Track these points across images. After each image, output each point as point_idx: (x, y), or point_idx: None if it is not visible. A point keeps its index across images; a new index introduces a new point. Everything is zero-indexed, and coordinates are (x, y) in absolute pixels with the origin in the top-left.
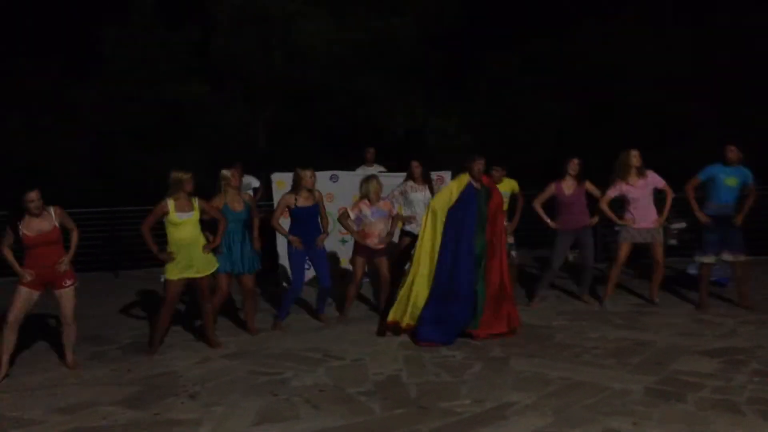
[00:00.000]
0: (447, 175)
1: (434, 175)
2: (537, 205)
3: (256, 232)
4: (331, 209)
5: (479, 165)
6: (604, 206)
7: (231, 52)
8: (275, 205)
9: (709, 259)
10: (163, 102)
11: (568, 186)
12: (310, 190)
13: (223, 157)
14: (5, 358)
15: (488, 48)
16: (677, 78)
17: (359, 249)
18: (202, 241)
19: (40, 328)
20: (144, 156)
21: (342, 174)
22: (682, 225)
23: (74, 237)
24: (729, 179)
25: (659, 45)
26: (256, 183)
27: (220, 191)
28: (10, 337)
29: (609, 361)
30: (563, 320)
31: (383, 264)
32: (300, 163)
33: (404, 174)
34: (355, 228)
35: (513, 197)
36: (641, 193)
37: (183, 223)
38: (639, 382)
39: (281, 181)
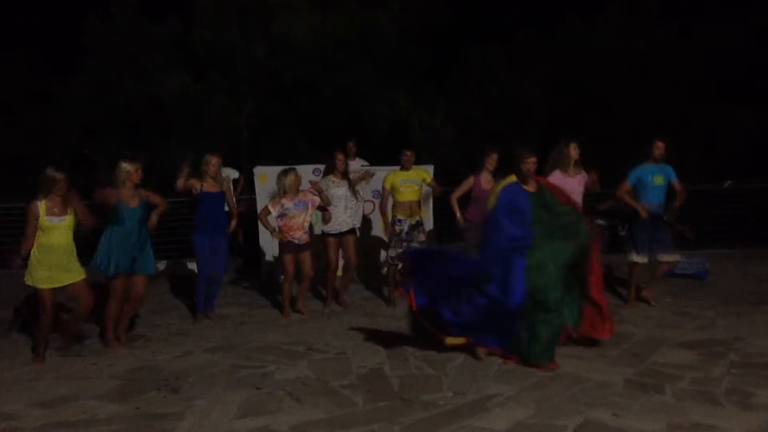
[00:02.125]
0: (430, 168)
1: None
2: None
3: (234, 224)
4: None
5: (528, 164)
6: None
7: (213, 43)
8: (257, 199)
9: (641, 259)
10: (145, 94)
11: (486, 181)
12: (214, 177)
13: (205, 150)
14: None
15: (474, 42)
16: (662, 73)
17: (285, 246)
18: (72, 248)
19: (17, 322)
20: (126, 149)
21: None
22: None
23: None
24: (656, 178)
25: (645, 40)
26: (235, 174)
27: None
28: None
29: (590, 353)
30: None
31: (306, 259)
32: (282, 156)
33: (389, 167)
34: (274, 225)
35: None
36: (578, 188)
37: (54, 228)
38: (619, 374)
39: (263, 174)
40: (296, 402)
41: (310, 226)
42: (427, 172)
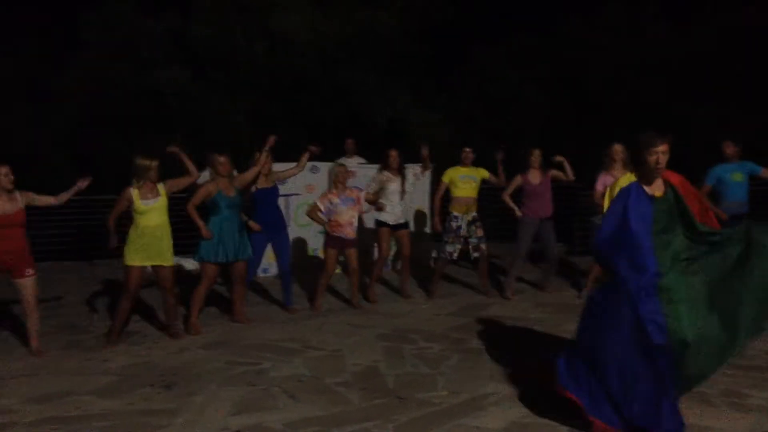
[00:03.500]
0: (417, 167)
1: (417, 167)
2: (506, 196)
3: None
4: (311, 200)
5: (654, 155)
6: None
7: (212, 40)
8: None
9: None
10: (143, 89)
11: (534, 176)
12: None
13: (204, 147)
14: None
15: (474, 41)
16: (661, 73)
17: (331, 240)
18: (169, 228)
19: (13, 317)
20: (123, 144)
21: (322, 165)
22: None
23: (49, 199)
24: (735, 175)
25: (644, 39)
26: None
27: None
28: None
29: None
30: (540, 313)
31: (352, 255)
32: (282, 152)
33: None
34: (325, 220)
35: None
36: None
37: (149, 210)
38: None
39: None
40: (291, 399)
41: (359, 221)
42: (485, 169)
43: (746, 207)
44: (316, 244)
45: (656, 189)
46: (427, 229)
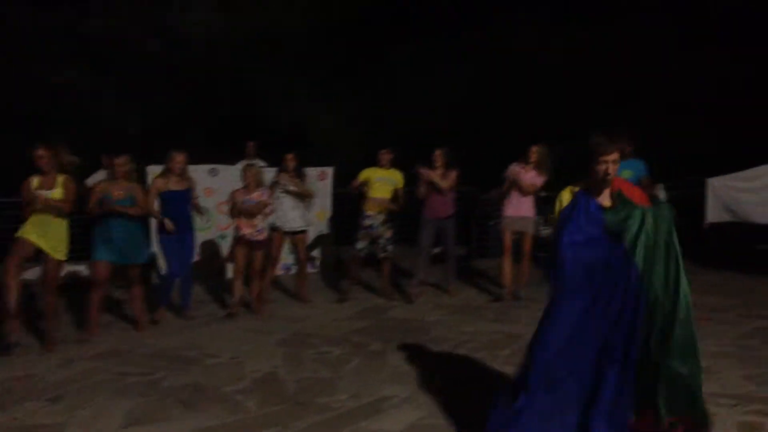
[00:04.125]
0: (329, 171)
1: (317, 170)
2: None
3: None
4: (210, 204)
5: (603, 164)
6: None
7: (106, 36)
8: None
9: None
10: (35, 86)
11: (438, 174)
12: (180, 174)
13: (96, 146)
14: None
15: (383, 42)
16: (579, 74)
17: (238, 241)
18: (62, 223)
19: None
20: (14, 144)
21: (222, 168)
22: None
23: None
24: (625, 172)
25: (565, 43)
26: None
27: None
28: None
29: (482, 353)
30: (440, 315)
31: (258, 258)
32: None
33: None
34: (243, 208)
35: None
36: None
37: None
38: (509, 374)
39: (157, 173)
40: (186, 409)
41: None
42: (401, 176)
43: None
44: (214, 249)
45: (605, 199)
46: (330, 233)
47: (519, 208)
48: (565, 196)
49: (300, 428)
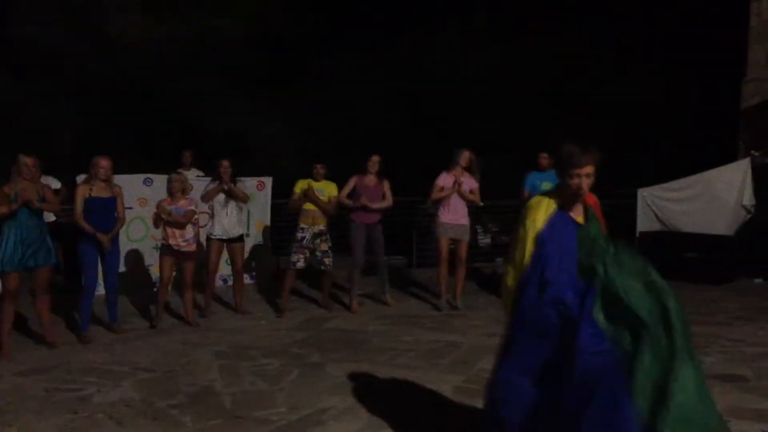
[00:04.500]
0: (268, 181)
1: (255, 180)
2: (343, 198)
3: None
4: (145, 214)
5: (576, 177)
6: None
7: (35, 41)
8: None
9: None
10: None
11: (369, 181)
12: (106, 180)
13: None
14: None
15: (317, 52)
16: (490, 94)
17: (164, 249)
18: None
19: None
20: None
21: (157, 177)
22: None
23: None
24: (545, 184)
25: (480, 57)
26: (56, 184)
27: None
28: None
29: (421, 362)
30: (379, 325)
31: (188, 269)
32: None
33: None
34: (170, 211)
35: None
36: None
37: None
38: (448, 382)
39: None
40: (118, 425)
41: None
42: (335, 187)
43: None
44: (149, 260)
45: (577, 214)
46: (269, 243)
47: (455, 216)
48: (540, 216)
49: None
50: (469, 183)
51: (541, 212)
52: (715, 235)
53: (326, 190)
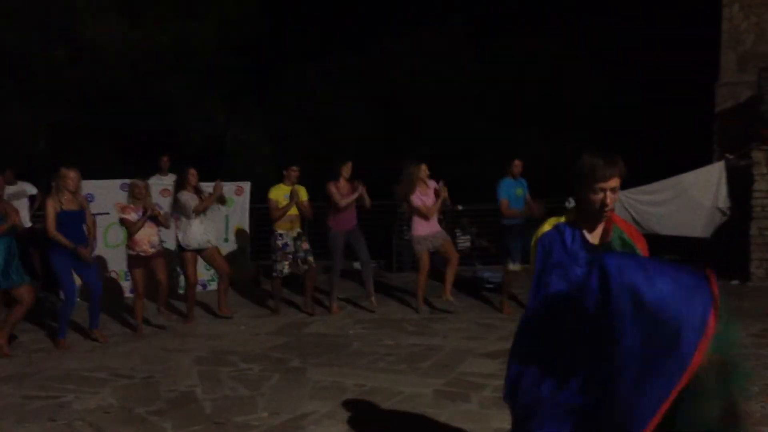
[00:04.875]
0: (246, 185)
1: (233, 185)
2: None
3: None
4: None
5: (600, 192)
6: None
7: (7, 44)
8: None
9: (515, 266)
10: None
11: (343, 187)
12: (74, 192)
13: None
14: None
15: (291, 59)
16: (467, 95)
17: (132, 260)
18: None
19: None
20: None
21: None
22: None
23: None
24: (518, 190)
25: (452, 64)
26: (32, 190)
27: None
28: None
29: (402, 366)
30: (360, 329)
31: (159, 266)
32: (87, 170)
33: (206, 183)
34: (135, 220)
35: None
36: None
37: None
38: (429, 386)
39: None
40: None
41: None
42: (305, 190)
43: (524, 219)
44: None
45: (596, 236)
46: (248, 247)
47: (430, 226)
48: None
49: None
50: (432, 199)
51: (544, 227)
52: (692, 237)
53: (298, 193)
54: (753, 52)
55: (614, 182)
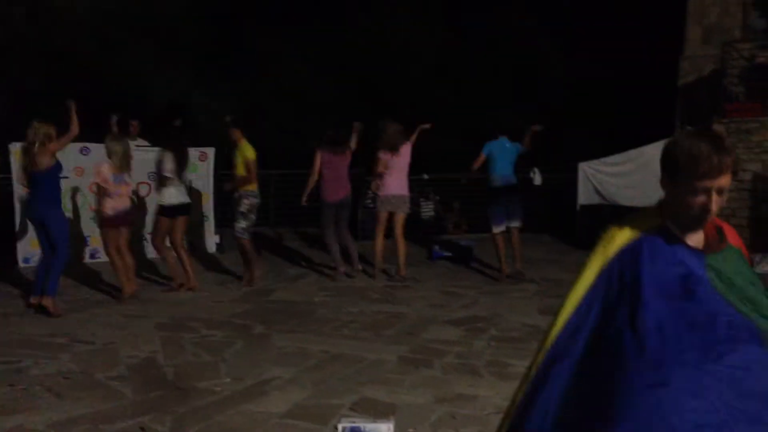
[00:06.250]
0: (210, 151)
1: (197, 151)
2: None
3: None
4: (82, 184)
5: (702, 194)
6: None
7: None
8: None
9: (500, 228)
10: None
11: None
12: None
13: None
14: None
15: (260, 27)
16: (437, 67)
17: (107, 221)
18: None
19: None
20: None
21: (94, 147)
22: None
23: None
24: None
25: (424, 34)
26: None
27: None
28: None
29: (366, 333)
30: (325, 296)
31: (125, 234)
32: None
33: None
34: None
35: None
36: (400, 163)
37: None
38: (393, 352)
39: (19, 151)
40: (56, 398)
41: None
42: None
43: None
44: (87, 231)
45: (698, 243)
46: (212, 215)
47: (395, 187)
48: (644, 226)
49: (180, 414)
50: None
51: (623, 237)
52: None
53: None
54: (717, 26)
55: (724, 180)
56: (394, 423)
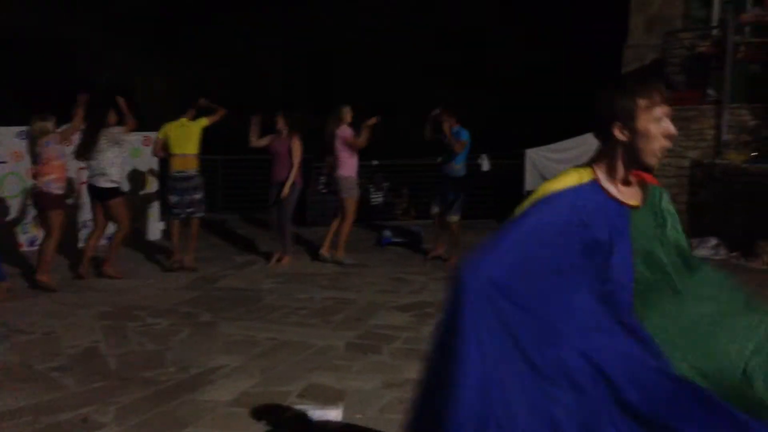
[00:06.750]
0: (153, 135)
1: (141, 135)
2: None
3: None
4: (19, 169)
5: (657, 123)
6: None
7: None
8: None
9: (454, 218)
10: None
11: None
12: None
13: None
14: None
15: (210, 9)
16: (406, 53)
17: (52, 199)
18: None
19: None
20: None
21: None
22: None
23: None
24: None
25: (393, 21)
26: None
27: None
28: None
29: (314, 320)
30: (272, 283)
31: (56, 217)
32: None
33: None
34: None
35: None
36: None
37: None
38: (341, 338)
39: None
40: None
41: None
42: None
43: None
44: (25, 217)
45: (629, 196)
46: (155, 200)
47: (340, 168)
48: (561, 183)
49: (124, 404)
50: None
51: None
52: None
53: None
54: (660, 16)
55: (668, 109)
56: (343, 409)
